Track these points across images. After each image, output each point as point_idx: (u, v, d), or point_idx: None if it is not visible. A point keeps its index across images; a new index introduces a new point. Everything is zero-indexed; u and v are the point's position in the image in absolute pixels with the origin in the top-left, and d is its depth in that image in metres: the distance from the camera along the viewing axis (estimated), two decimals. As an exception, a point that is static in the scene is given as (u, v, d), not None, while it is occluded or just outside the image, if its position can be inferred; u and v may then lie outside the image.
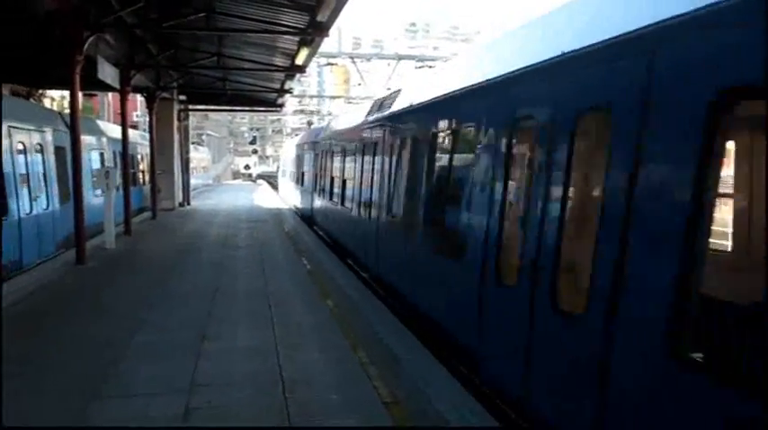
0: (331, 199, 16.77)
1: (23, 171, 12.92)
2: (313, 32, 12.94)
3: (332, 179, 16.87)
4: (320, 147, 19.87)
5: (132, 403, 5.56)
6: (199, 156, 47.56)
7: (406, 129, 9.53)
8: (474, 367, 6.29)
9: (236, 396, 5.72)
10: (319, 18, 11.97)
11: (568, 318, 4.57)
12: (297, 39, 14.86)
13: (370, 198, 11.57)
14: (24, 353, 6.70)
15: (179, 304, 9.17)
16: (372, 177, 11.46)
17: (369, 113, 12.64)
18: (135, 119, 43.93)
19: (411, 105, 9.35)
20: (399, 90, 11.07)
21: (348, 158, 14.54)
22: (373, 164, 11.44)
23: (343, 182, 14.94)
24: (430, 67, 30.43)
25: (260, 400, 5.64)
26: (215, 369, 6.44)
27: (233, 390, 5.86)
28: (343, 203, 14.90)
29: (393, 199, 10.08)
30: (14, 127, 12.59)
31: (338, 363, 6.65)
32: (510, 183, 5.83)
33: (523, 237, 5.29)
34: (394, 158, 10.01)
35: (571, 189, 4.70)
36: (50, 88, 21.73)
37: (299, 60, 16.37)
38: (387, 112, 10.83)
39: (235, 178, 77.03)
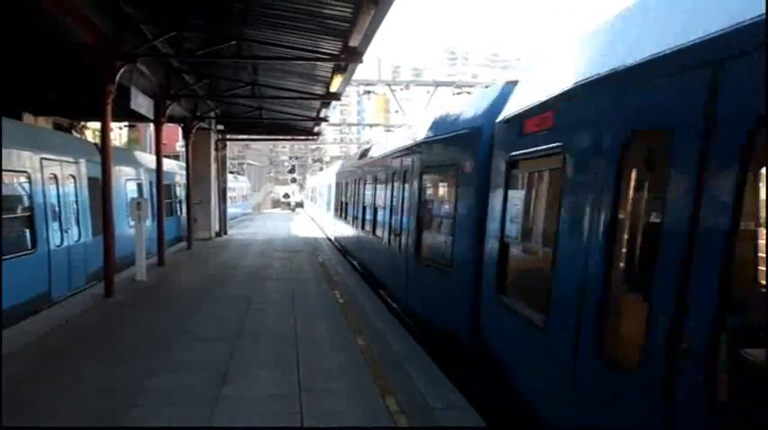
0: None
1: (55, 202, 12.81)
2: (346, 58, 12.60)
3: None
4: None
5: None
6: (238, 185, 47.84)
7: None
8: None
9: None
10: (352, 43, 11.62)
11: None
12: (331, 66, 14.58)
13: None
14: (31, 398, 6.32)
15: (202, 343, 8.72)
16: None
17: None
18: (178, 149, 44.55)
19: None
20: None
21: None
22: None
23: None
24: (469, 92, 29.99)
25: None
26: (230, 418, 5.93)
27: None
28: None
29: None
30: (47, 158, 12.52)
31: (365, 413, 6.07)
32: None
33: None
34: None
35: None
36: (88, 120, 21.92)
37: (334, 87, 16.07)
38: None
39: (275, 206, 77.55)
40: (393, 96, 31.81)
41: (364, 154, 18.35)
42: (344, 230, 20.72)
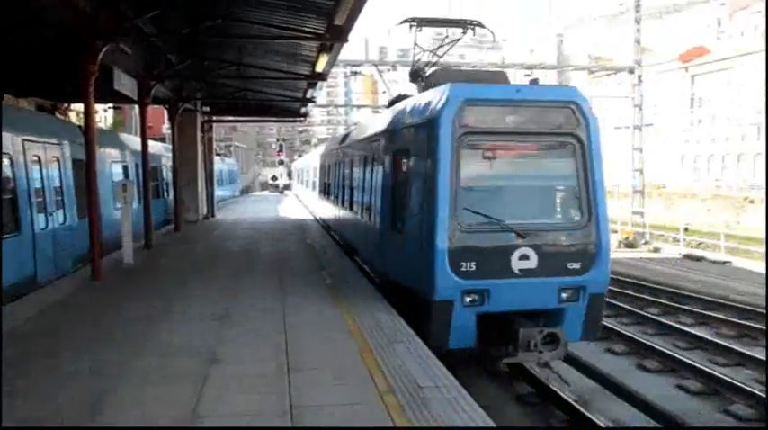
0: None
1: (38, 185, 12.65)
2: (331, 37, 12.47)
3: None
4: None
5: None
6: (226, 167, 47.51)
7: None
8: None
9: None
10: (337, 22, 11.50)
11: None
12: (316, 45, 14.43)
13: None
14: (12, 381, 6.28)
15: (188, 324, 8.70)
16: None
17: None
18: (164, 131, 44.13)
19: None
20: None
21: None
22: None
23: None
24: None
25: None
26: (219, 398, 5.93)
27: (238, 422, 5.37)
28: None
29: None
30: (29, 140, 12.34)
31: (352, 396, 6.09)
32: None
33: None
34: None
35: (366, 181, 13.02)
36: (72, 102, 21.64)
37: (319, 68, 15.93)
38: None
39: (263, 189, 77.24)
40: (380, 77, 31.61)
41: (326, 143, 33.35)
42: (313, 195, 29.30)
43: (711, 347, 12.19)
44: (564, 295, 8.89)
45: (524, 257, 8.68)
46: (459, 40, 13.48)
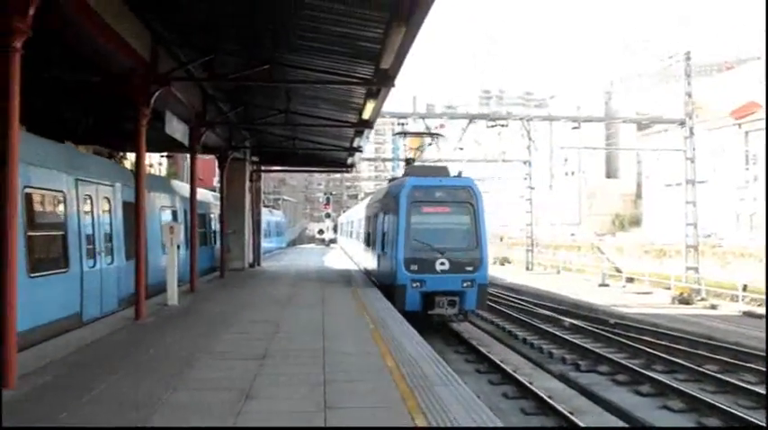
0: None
1: (88, 223, 12.83)
2: (378, 82, 12.58)
3: None
4: None
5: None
6: (273, 219, 48.02)
7: None
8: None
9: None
10: (383, 66, 11.58)
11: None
12: (363, 92, 14.58)
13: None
14: (52, 409, 6.19)
15: (226, 363, 8.56)
16: None
17: None
18: (215, 184, 45.17)
19: None
20: None
21: None
22: None
23: None
24: (503, 125, 29.87)
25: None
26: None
27: None
28: None
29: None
30: (82, 180, 12.60)
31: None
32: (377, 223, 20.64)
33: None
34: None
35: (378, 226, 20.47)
36: (127, 150, 22.29)
37: (366, 115, 16.08)
38: None
39: (310, 242, 77.88)
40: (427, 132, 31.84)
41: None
42: (353, 244, 34.73)
43: (778, 407, 11.36)
44: (464, 284, 16.21)
45: (443, 263, 16.24)
46: (431, 144, 28.15)
